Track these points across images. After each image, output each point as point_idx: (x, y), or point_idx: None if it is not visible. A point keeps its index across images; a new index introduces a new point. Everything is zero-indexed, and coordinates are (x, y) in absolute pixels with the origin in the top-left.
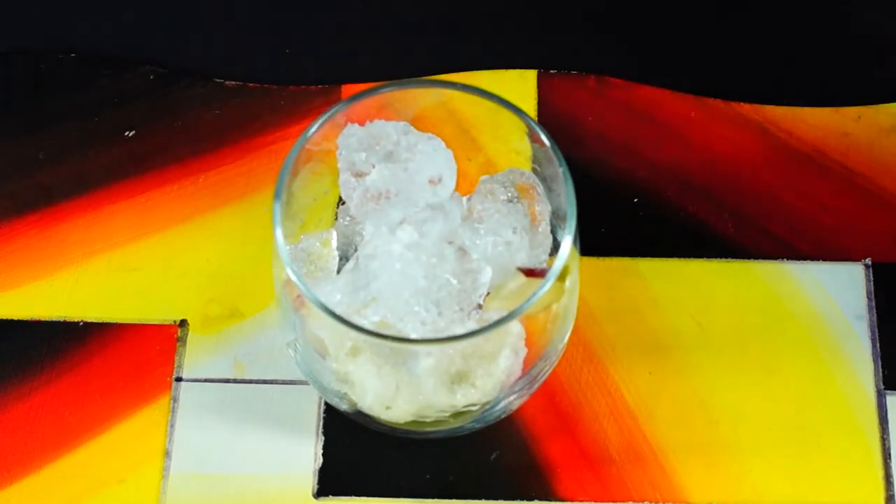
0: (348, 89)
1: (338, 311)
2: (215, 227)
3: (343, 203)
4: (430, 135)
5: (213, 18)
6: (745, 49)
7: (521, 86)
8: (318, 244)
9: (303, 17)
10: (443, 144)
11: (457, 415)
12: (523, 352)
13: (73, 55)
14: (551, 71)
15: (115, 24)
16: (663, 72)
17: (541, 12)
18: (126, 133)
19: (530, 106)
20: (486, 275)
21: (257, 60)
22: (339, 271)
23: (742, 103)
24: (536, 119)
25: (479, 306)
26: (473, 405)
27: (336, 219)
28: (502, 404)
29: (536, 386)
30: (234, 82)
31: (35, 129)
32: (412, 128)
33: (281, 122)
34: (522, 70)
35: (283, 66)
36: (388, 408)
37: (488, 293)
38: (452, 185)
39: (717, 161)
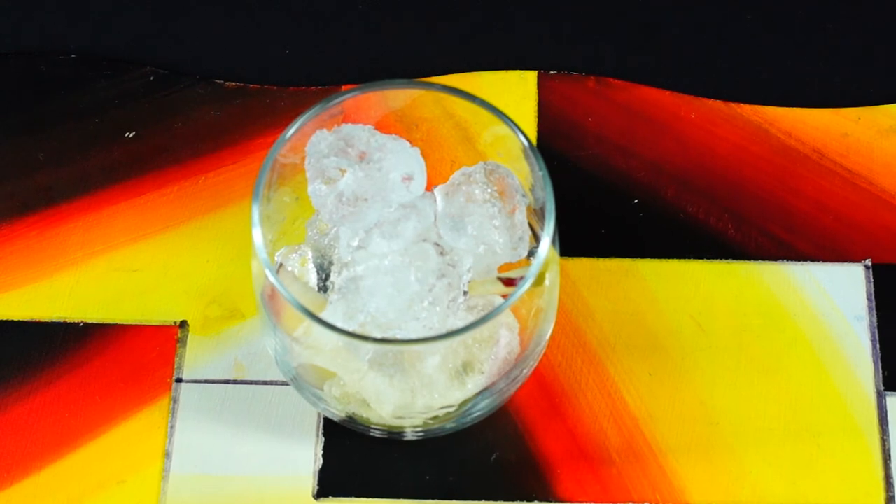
0: (348, 90)
1: (342, 340)
2: (215, 229)
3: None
4: (394, 136)
5: (213, 19)
6: (745, 49)
7: (521, 87)
8: (297, 263)
9: (303, 18)
10: (408, 143)
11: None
12: (517, 326)
13: (73, 55)
14: (551, 72)
15: (115, 24)
16: (663, 72)
17: (541, 13)
18: (126, 134)
19: (530, 107)
20: (467, 262)
21: (257, 61)
22: (319, 286)
23: (742, 104)
24: (536, 120)
25: (465, 293)
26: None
27: (307, 234)
28: (483, 404)
29: (515, 387)
30: (233, 83)
31: (35, 130)
32: (376, 130)
33: (281, 124)
34: (523, 71)
35: (283, 68)
36: (400, 417)
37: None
38: (423, 182)
39: (717, 162)
